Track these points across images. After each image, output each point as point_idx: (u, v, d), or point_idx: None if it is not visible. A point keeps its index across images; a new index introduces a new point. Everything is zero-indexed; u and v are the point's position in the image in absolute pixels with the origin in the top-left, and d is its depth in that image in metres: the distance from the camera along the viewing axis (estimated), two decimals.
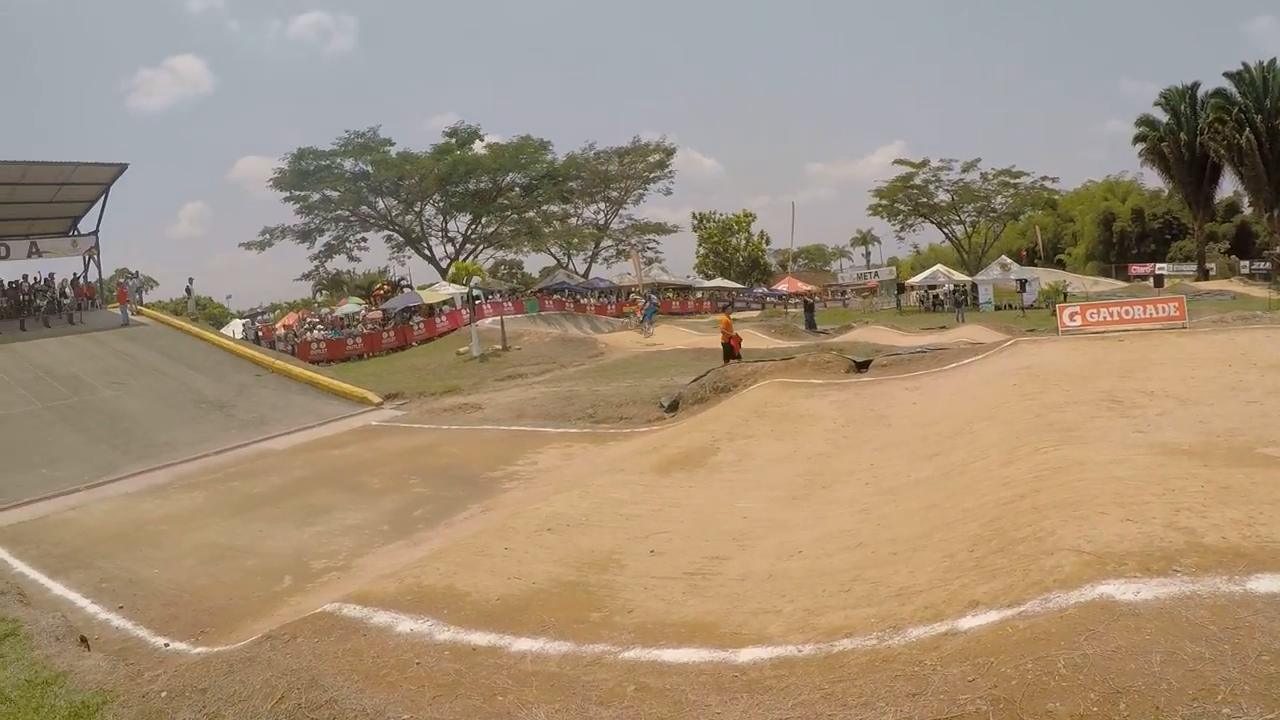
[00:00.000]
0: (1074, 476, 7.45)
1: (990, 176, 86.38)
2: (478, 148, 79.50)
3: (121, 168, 33.86)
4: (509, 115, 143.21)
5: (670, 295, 73.34)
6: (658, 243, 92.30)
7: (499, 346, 35.54)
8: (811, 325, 43.67)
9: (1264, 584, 4.68)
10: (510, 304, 53.40)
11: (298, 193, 75.29)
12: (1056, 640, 4.46)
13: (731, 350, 22.71)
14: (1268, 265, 71.36)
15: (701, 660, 5.65)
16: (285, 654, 6.23)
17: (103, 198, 34.78)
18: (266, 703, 5.63)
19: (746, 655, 5.61)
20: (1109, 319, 19.11)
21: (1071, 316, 19.74)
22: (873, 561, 7.07)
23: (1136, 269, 79.01)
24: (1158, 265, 78.78)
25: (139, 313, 33.18)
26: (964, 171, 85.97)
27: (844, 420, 13.54)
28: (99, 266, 36.23)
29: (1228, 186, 78.10)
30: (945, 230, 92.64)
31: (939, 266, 71.09)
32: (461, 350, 35.61)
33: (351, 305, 56.21)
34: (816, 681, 4.96)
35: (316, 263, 79.67)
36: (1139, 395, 10.98)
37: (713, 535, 8.75)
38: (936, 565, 6.44)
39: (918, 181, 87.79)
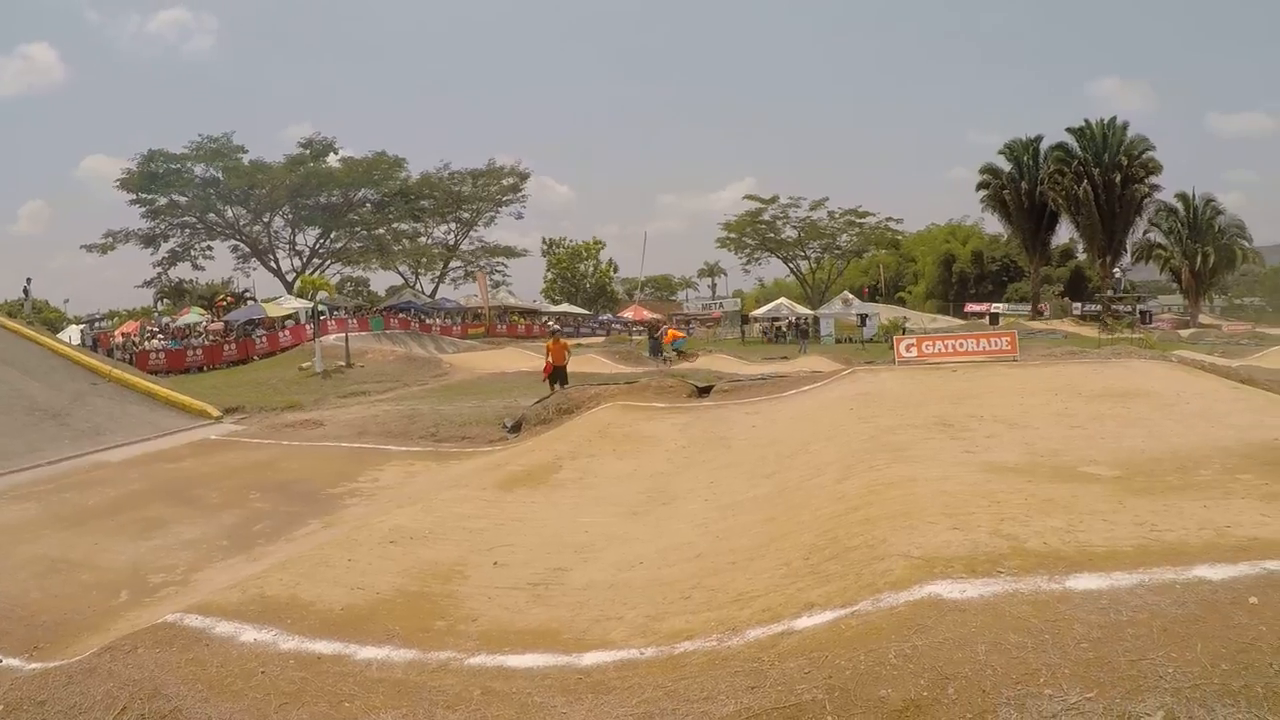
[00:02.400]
0: (905, 491, 7.97)
1: (837, 215, 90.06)
2: (332, 161, 79.21)
3: None
4: (366, 130, 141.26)
5: (516, 319, 73.33)
6: (505, 266, 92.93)
7: (342, 363, 35.26)
8: (656, 352, 44.26)
9: (1082, 582, 5.17)
10: (355, 321, 52.67)
11: (145, 196, 73.46)
12: (888, 634, 4.80)
13: (560, 373, 22.87)
14: (1098, 308, 76.14)
15: (546, 665, 5.79)
16: (126, 665, 6.09)
17: None
18: (108, 714, 5.52)
19: (590, 659, 5.78)
20: (944, 351, 20.06)
21: (908, 348, 20.63)
22: (712, 570, 7.35)
23: (973, 307, 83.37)
24: (994, 304, 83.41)
25: None
26: (812, 209, 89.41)
27: (685, 441, 13.90)
28: None
29: (1064, 233, 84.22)
30: (791, 265, 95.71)
31: (783, 300, 73.29)
32: (304, 366, 35.23)
33: (193, 315, 54.50)
34: (659, 681, 5.16)
35: (160, 270, 77.92)
36: (970, 419, 11.77)
37: (555, 548, 8.90)
38: (773, 573, 6.75)
39: (766, 217, 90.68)
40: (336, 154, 79.53)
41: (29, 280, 56.33)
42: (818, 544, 7.09)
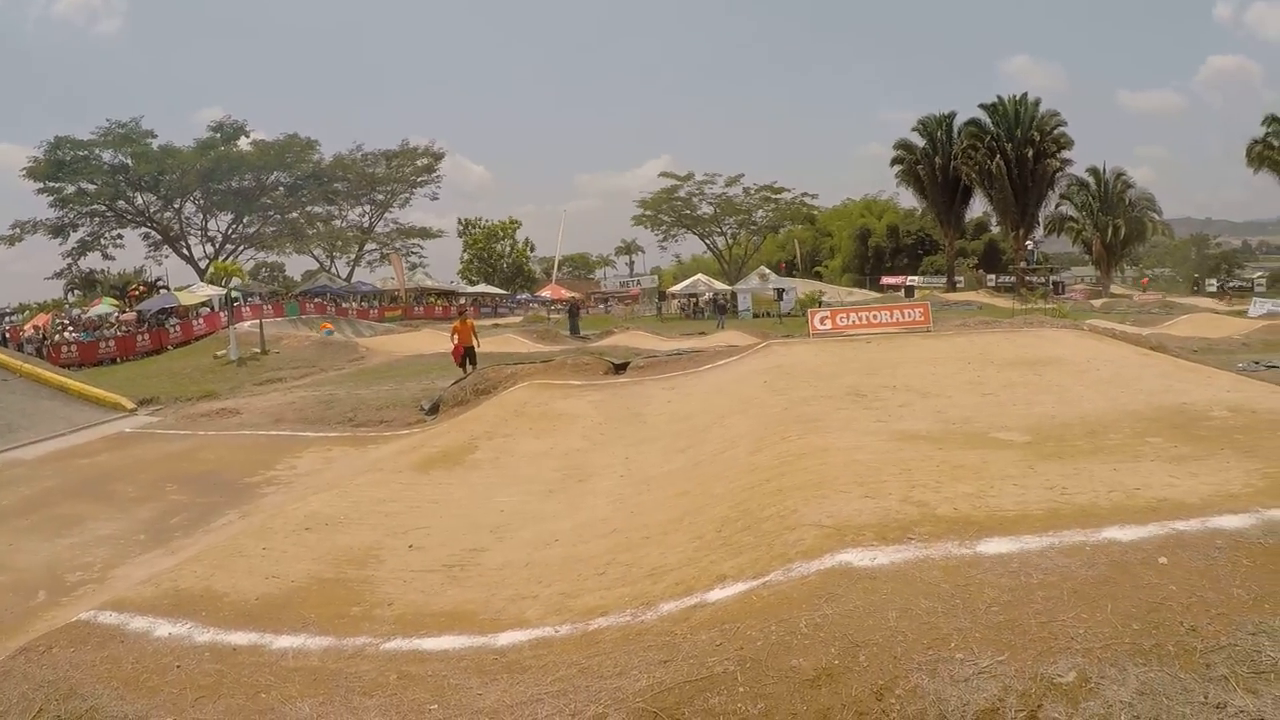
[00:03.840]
0: (817, 461, 8.01)
1: (752, 191, 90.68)
2: (243, 144, 78.04)
3: None
4: (278, 113, 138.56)
5: (433, 300, 72.86)
6: (422, 247, 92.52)
7: (258, 350, 34.63)
8: (575, 330, 44.31)
9: (993, 546, 5.20)
10: (270, 307, 51.73)
11: (52, 184, 71.86)
12: (799, 604, 4.78)
13: (470, 353, 22.66)
14: (1013, 279, 77.66)
15: (462, 646, 5.78)
16: (40, 666, 5.96)
17: None
18: (24, 717, 5.42)
19: (506, 639, 5.77)
20: (858, 323, 20.30)
21: (822, 320, 20.83)
22: (626, 546, 7.35)
23: (889, 280, 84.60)
24: (910, 277, 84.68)
25: None
26: (727, 186, 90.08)
27: (601, 419, 13.92)
28: None
29: (978, 207, 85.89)
30: (707, 241, 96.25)
31: (700, 276, 73.41)
32: (219, 354, 34.60)
33: (105, 306, 53.01)
34: (574, 658, 5.15)
35: (69, 260, 76.37)
36: (882, 389, 11.88)
37: (471, 529, 8.90)
38: (686, 546, 6.75)
39: (682, 194, 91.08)
40: (248, 137, 78.61)
41: None
42: (730, 516, 7.10)
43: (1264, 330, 38.04)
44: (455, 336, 23.04)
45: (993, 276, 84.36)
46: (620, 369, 18.31)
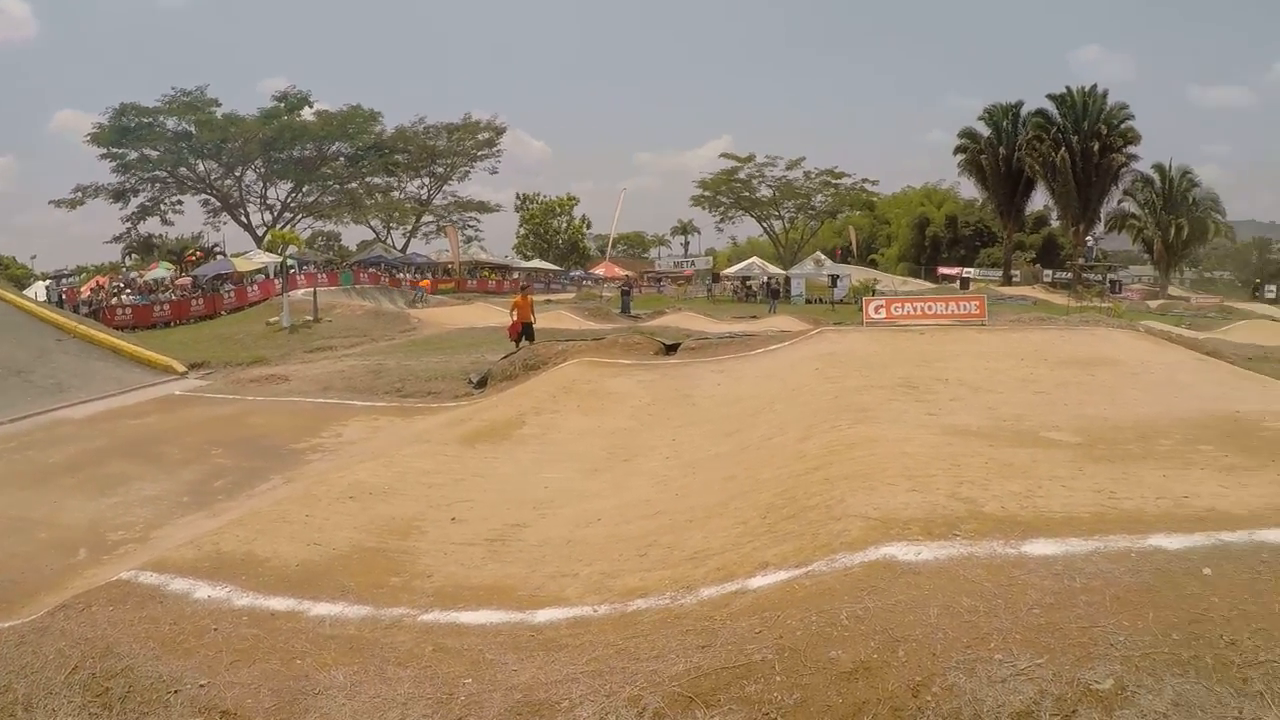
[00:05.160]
0: (866, 452, 8.00)
1: (813, 175, 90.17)
2: (306, 114, 78.35)
3: None
4: (342, 83, 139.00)
5: (487, 274, 73.24)
6: (478, 220, 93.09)
7: (310, 318, 34.92)
8: (627, 309, 44.40)
9: (1038, 548, 5.20)
10: (325, 275, 52.18)
11: (116, 150, 72.63)
12: (840, 596, 4.80)
13: (528, 330, 22.67)
14: (1069, 275, 76.70)
15: (499, 621, 5.82)
16: (79, 623, 6.06)
17: None
18: (60, 673, 5.51)
19: (544, 616, 5.81)
20: (912, 313, 20.17)
21: (876, 309, 20.72)
22: (669, 528, 7.38)
23: (945, 270, 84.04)
24: (965, 269, 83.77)
25: None
26: (788, 169, 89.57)
27: (650, 399, 13.94)
28: None
29: (1039, 200, 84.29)
30: (764, 224, 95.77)
31: (755, 259, 73.02)
32: (272, 320, 34.99)
33: (161, 270, 53.59)
34: (611, 639, 5.18)
35: (129, 225, 77.14)
36: (934, 382, 11.84)
37: (514, 504, 8.96)
38: (730, 531, 6.77)
39: (742, 175, 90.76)
40: (311, 107, 78.78)
41: None
42: (776, 503, 7.11)
43: None
44: (515, 312, 23.05)
45: (1049, 272, 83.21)
46: (671, 350, 18.30)
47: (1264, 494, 6.48)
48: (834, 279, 61.30)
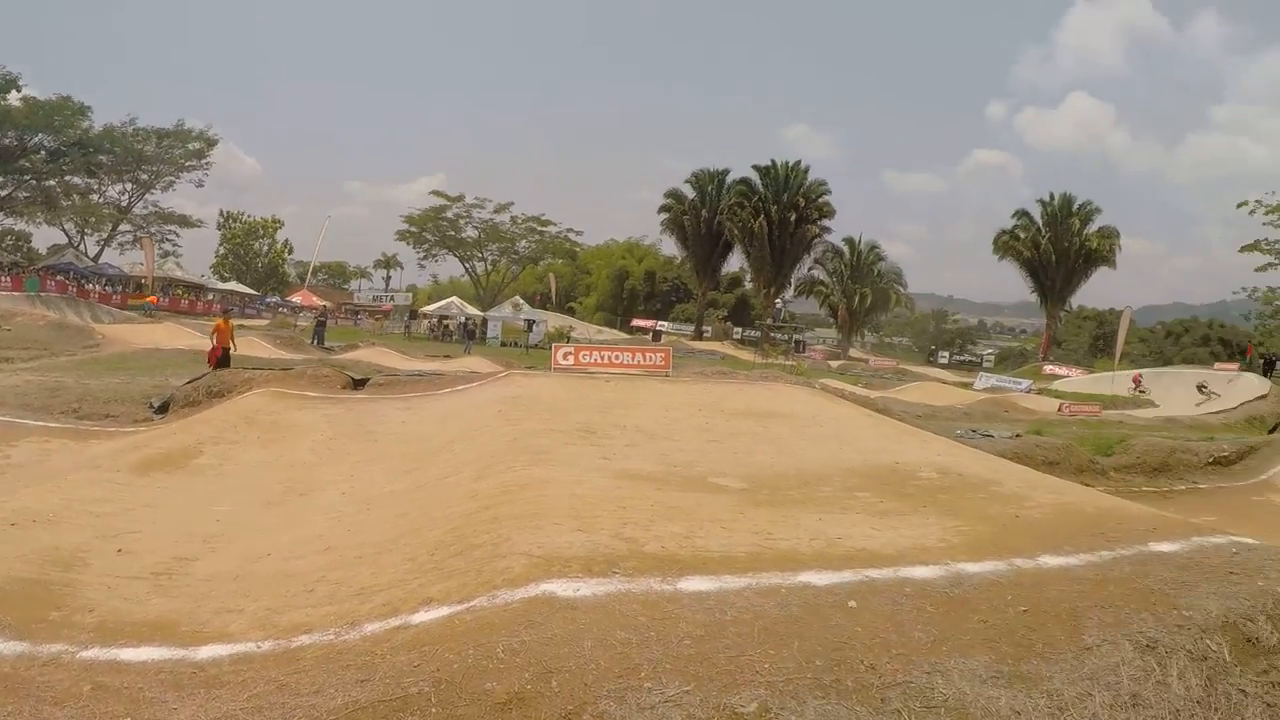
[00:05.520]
0: (537, 493, 8.18)
1: (520, 221, 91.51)
2: (13, 98, 72.24)
3: None
4: (50, 72, 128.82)
5: (180, 293, 70.07)
6: (177, 235, 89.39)
7: None
8: (320, 340, 43.47)
9: (693, 584, 5.46)
10: (9, 279, 48.41)
11: None
12: (499, 630, 4.86)
13: (226, 356, 21.89)
14: (758, 333, 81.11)
15: (161, 658, 5.57)
16: None
17: None
18: None
19: (206, 652, 5.60)
20: (600, 361, 20.68)
21: (565, 355, 21.11)
22: (339, 564, 7.29)
23: (640, 323, 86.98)
24: (660, 322, 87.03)
25: None
26: (496, 212, 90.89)
27: (332, 433, 13.77)
28: None
29: (735, 262, 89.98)
30: (467, 265, 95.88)
31: (454, 299, 73.36)
32: None
33: None
34: (273, 675, 5.05)
35: None
36: (613, 428, 12.23)
37: (185, 536, 8.61)
38: (399, 567, 6.75)
39: (450, 214, 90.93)
40: (19, 91, 73.13)
41: None
42: (445, 540, 7.14)
43: (985, 402, 41.21)
44: (215, 336, 22.21)
45: (740, 329, 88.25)
46: (359, 384, 18.17)
47: (911, 535, 7.08)
48: (530, 323, 62.40)
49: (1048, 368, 74.91)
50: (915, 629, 4.95)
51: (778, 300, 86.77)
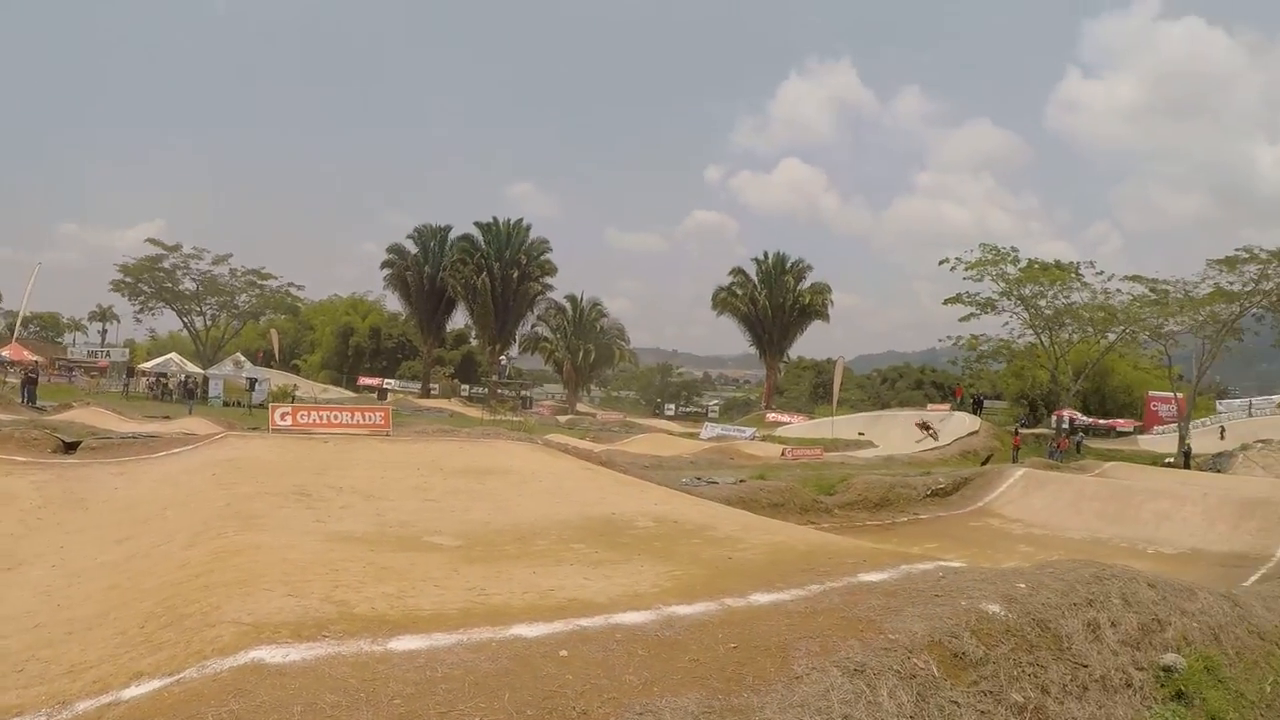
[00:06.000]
0: (248, 559, 8.01)
1: (239, 273, 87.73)
2: None
3: None
4: None
5: None
6: None
7: None
8: (31, 399, 40.63)
9: (403, 644, 5.48)
10: None
11: None
12: (207, 700, 4.77)
13: None
14: (485, 390, 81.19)
15: None
16: None
17: None
18: None
19: None
20: (319, 421, 20.38)
21: (283, 416, 20.69)
22: (48, 641, 6.94)
23: (366, 380, 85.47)
24: (386, 380, 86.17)
25: None
26: (214, 264, 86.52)
27: (41, 501, 12.96)
28: None
29: (460, 319, 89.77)
30: (185, 319, 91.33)
31: (173, 355, 70.06)
32: None
33: None
34: None
35: None
36: (328, 490, 12.09)
37: None
38: (109, 642, 6.50)
39: (167, 265, 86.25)
40: None
41: None
42: (156, 611, 6.92)
43: (712, 450, 42.65)
44: None
45: (467, 386, 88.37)
46: (71, 448, 17.19)
47: (625, 583, 7.33)
48: (253, 382, 60.42)
49: (771, 415, 78.17)
50: (627, 672, 5.14)
51: (503, 357, 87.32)
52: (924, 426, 51.46)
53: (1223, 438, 54.00)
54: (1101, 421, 64.59)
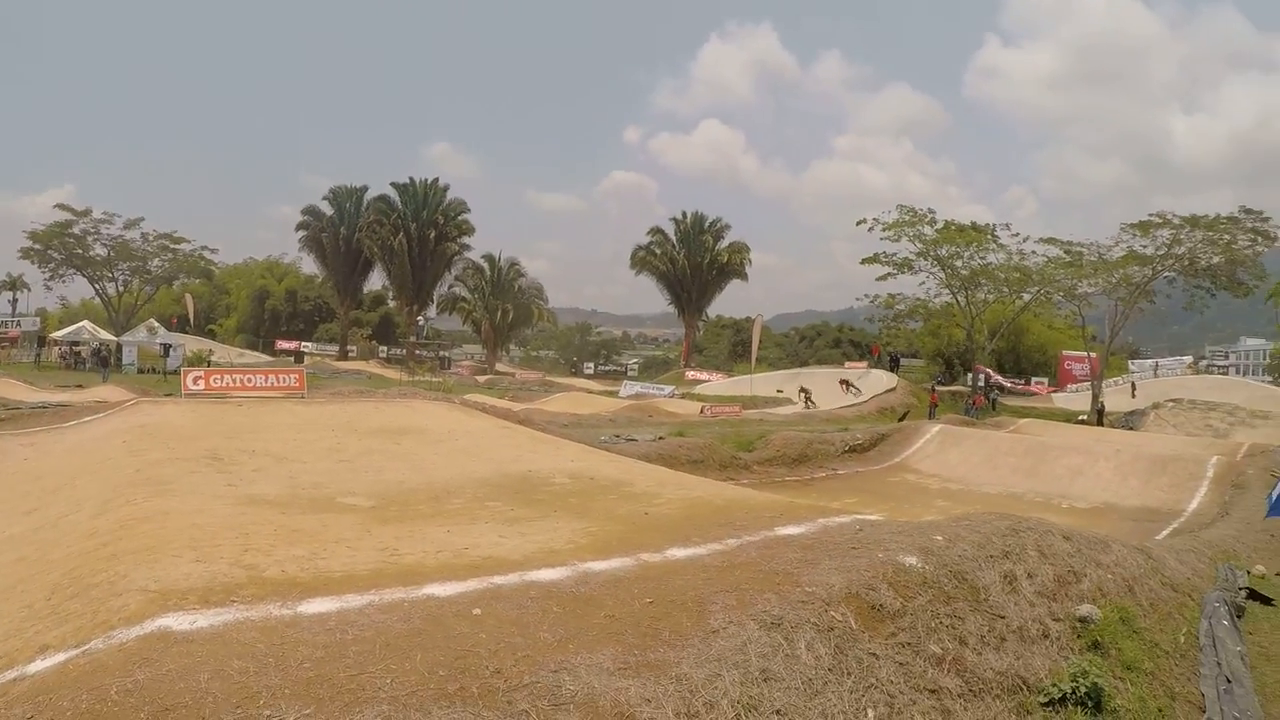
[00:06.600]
0: (157, 525, 7.81)
1: (151, 238, 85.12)
2: None
3: None
4: None
5: None
6: None
7: None
8: None
9: (313, 607, 5.40)
10: None
11: None
12: (113, 671, 4.64)
13: None
14: (404, 352, 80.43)
15: None
16: None
17: None
18: None
19: None
20: (232, 385, 20.04)
21: (195, 380, 20.34)
22: None
23: (283, 344, 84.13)
24: (304, 343, 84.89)
25: None
26: (125, 228, 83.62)
27: None
28: None
29: (377, 280, 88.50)
30: (97, 286, 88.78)
31: (86, 323, 68.19)
32: None
33: None
34: None
35: None
36: (241, 454, 11.87)
37: None
38: (14, 616, 6.31)
39: (77, 230, 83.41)
40: None
41: None
42: (62, 583, 6.72)
43: (631, 408, 42.74)
44: None
45: (385, 348, 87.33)
46: None
47: (540, 540, 7.29)
48: (167, 348, 59.15)
49: (690, 373, 78.28)
50: (541, 630, 5.11)
51: (421, 318, 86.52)
52: (846, 384, 51.88)
53: (1134, 395, 55.23)
54: (1020, 385, 65.44)
